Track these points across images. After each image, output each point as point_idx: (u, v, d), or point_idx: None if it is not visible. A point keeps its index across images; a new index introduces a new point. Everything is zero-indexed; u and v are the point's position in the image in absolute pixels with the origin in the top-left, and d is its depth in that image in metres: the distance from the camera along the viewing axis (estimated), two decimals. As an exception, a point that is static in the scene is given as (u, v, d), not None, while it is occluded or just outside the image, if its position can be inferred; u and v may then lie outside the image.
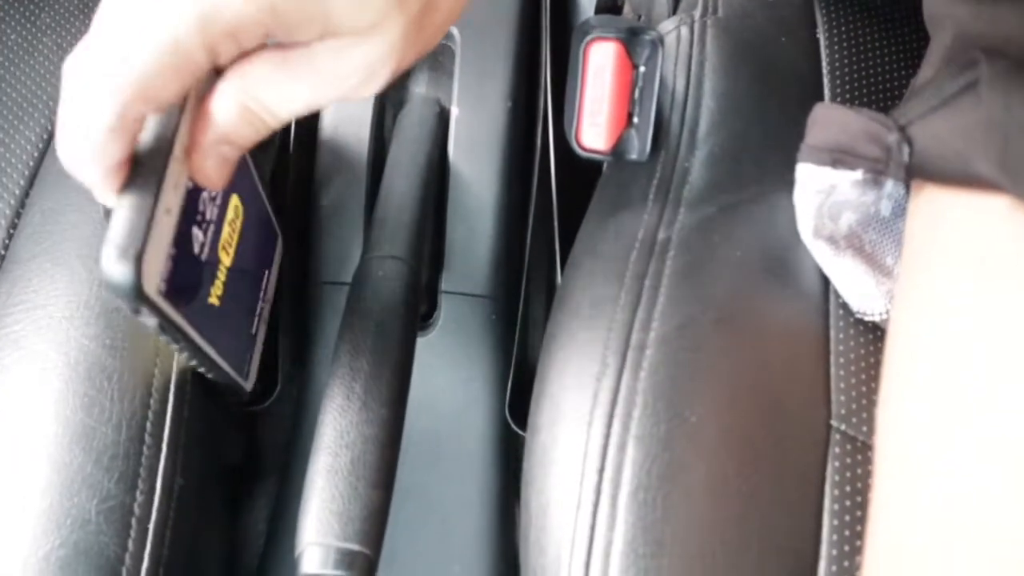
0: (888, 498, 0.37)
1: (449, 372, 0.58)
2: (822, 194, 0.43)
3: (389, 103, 0.58)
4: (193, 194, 0.38)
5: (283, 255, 0.54)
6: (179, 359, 0.46)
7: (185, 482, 0.45)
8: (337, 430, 0.41)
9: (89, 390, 0.43)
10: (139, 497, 0.43)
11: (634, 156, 0.47)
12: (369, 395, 0.42)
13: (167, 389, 0.45)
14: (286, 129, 0.58)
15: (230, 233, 0.44)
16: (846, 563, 0.40)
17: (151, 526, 0.43)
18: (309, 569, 0.39)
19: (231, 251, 0.45)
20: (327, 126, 0.56)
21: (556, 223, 0.57)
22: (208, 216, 0.41)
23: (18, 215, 0.49)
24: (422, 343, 0.57)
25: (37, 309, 0.45)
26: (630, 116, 0.47)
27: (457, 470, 0.57)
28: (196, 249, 0.39)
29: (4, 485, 0.42)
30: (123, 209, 0.32)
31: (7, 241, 0.49)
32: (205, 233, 0.40)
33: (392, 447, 0.42)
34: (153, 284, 0.34)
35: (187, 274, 0.38)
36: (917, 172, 0.40)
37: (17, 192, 0.50)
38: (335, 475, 0.40)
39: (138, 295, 0.32)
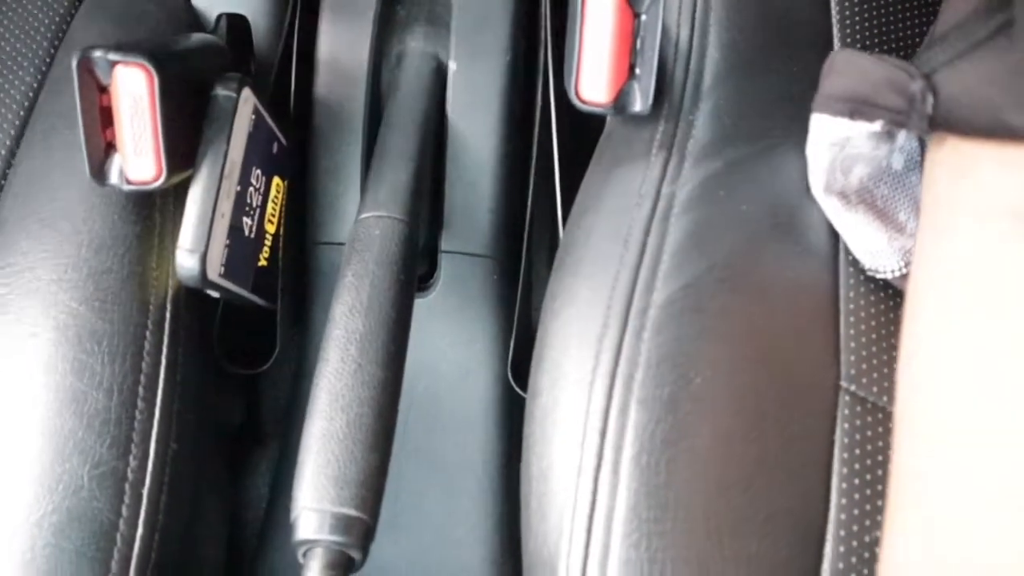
0: (916, 464, 0.35)
1: (450, 334, 0.57)
2: (836, 147, 0.41)
3: (385, 58, 0.56)
4: (241, 194, 0.48)
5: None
6: (169, 319, 0.45)
7: (179, 447, 0.44)
8: (332, 393, 0.40)
9: (79, 354, 0.42)
10: (132, 463, 0.42)
11: (636, 109, 0.45)
12: (364, 357, 0.41)
13: (159, 353, 0.44)
14: (284, 84, 0.56)
15: (273, 207, 0.53)
16: (855, 527, 0.39)
17: (145, 492, 0.42)
18: (304, 535, 0.38)
19: (275, 220, 0.54)
20: (321, 84, 0.55)
21: (558, 180, 0.56)
22: (254, 204, 0.50)
23: (4, 176, 0.48)
24: (422, 304, 0.56)
25: (25, 272, 0.44)
26: (632, 67, 0.45)
27: (459, 433, 0.56)
28: (246, 232, 0.50)
29: None
30: (189, 219, 0.44)
31: None
32: (252, 218, 0.50)
33: (389, 410, 0.41)
34: (215, 270, 0.46)
35: (240, 254, 0.49)
36: (941, 123, 0.38)
37: (3, 152, 0.49)
38: (330, 439, 0.40)
39: (205, 281, 0.45)
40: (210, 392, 0.50)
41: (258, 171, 0.49)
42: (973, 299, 0.35)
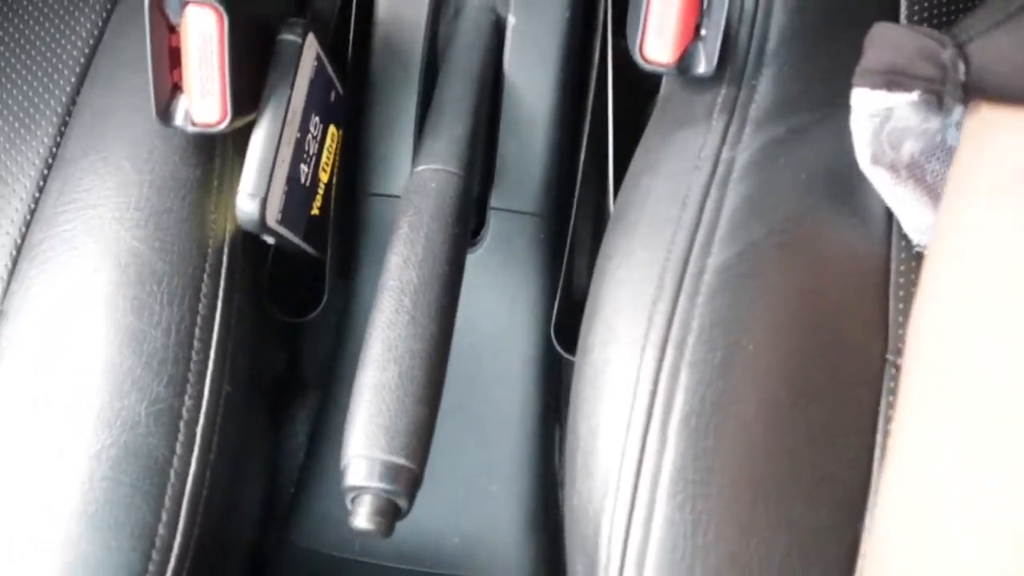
0: (913, 411, 0.36)
1: (495, 291, 0.57)
2: (877, 118, 0.41)
3: (444, 11, 0.56)
4: (300, 142, 0.48)
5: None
6: (226, 263, 0.46)
7: (232, 389, 0.45)
8: (385, 343, 0.41)
9: (139, 293, 0.43)
10: (187, 401, 0.43)
11: (700, 71, 0.45)
12: (418, 309, 0.41)
13: (215, 296, 0.45)
14: (343, 32, 0.56)
15: (328, 156, 0.54)
16: (898, 498, 0.39)
17: (199, 430, 0.43)
18: (354, 481, 0.39)
19: (329, 169, 0.55)
20: (379, 33, 0.54)
21: (611, 142, 0.55)
22: (311, 152, 0.51)
23: (69, 113, 0.49)
24: (469, 260, 0.56)
25: (88, 209, 0.45)
26: (697, 28, 0.45)
27: (499, 390, 0.57)
28: (303, 180, 0.50)
29: (56, 385, 0.42)
30: (251, 163, 0.45)
31: (58, 139, 0.48)
32: (309, 165, 0.51)
33: (440, 364, 0.42)
34: (273, 216, 0.47)
35: (296, 202, 0.49)
36: (974, 91, 0.38)
37: (68, 90, 0.49)
38: (382, 389, 0.40)
39: (263, 227, 0.46)
40: (261, 338, 0.51)
41: (316, 119, 0.49)
42: (986, 271, 0.35)
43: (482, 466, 0.57)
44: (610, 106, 0.55)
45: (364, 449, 0.39)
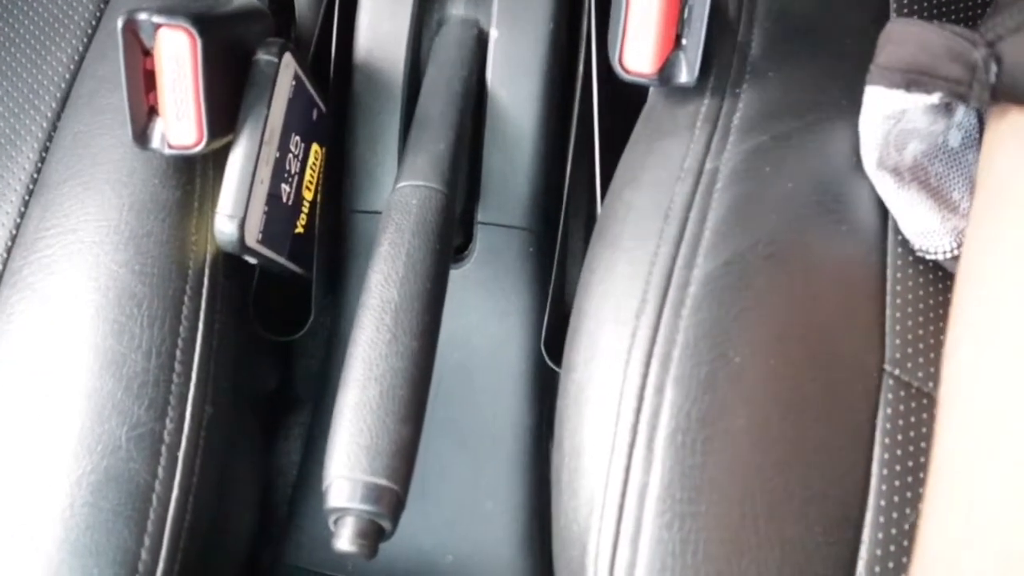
0: (957, 453, 0.34)
1: (484, 305, 0.56)
2: (891, 120, 0.40)
3: (426, 25, 0.56)
4: (280, 161, 0.48)
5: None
6: (207, 284, 0.45)
7: (215, 410, 0.44)
8: (366, 362, 0.40)
9: (119, 316, 0.43)
10: (168, 425, 0.42)
11: (682, 80, 0.44)
12: (399, 327, 0.41)
13: (197, 318, 0.44)
14: (324, 50, 0.56)
15: (311, 175, 0.53)
16: (895, 514, 0.38)
17: (180, 454, 0.42)
18: (336, 503, 0.38)
19: (313, 187, 0.54)
20: (361, 50, 0.54)
21: (597, 152, 0.55)
22: (292, 171, 0.50)
23: (50, 138, 0.48)
24: (457, 275, 0.55)
25: (68, 234, 0.45)
26: (678, 37, 0.44)
27: (490, 406, 0.56)
28: (284, 199, 0.50)
29: (36, 410, 0.42)
30: (229, 184, 0.44)
31: (39, 164, 0.48)
32: (290, 185, 0.50)
33: (423, 381, 0.41)
34: (253, 237, 0.46)
35: (278, 221, 0.49)
36: (1005, 94, 0.37)
37: (49, 115, 0.49)
38: (363, 408, 0.40)
39: (243, 247, 0.45)
40: (245, 358, 0.50)
41: (297, 137, 0.49)
42: None
43: (475, 483, 0.56)
44: (596, 117, 0.55)
45: (346, 470, 0.39)
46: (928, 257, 0.42)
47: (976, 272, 0.37)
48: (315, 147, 0.52)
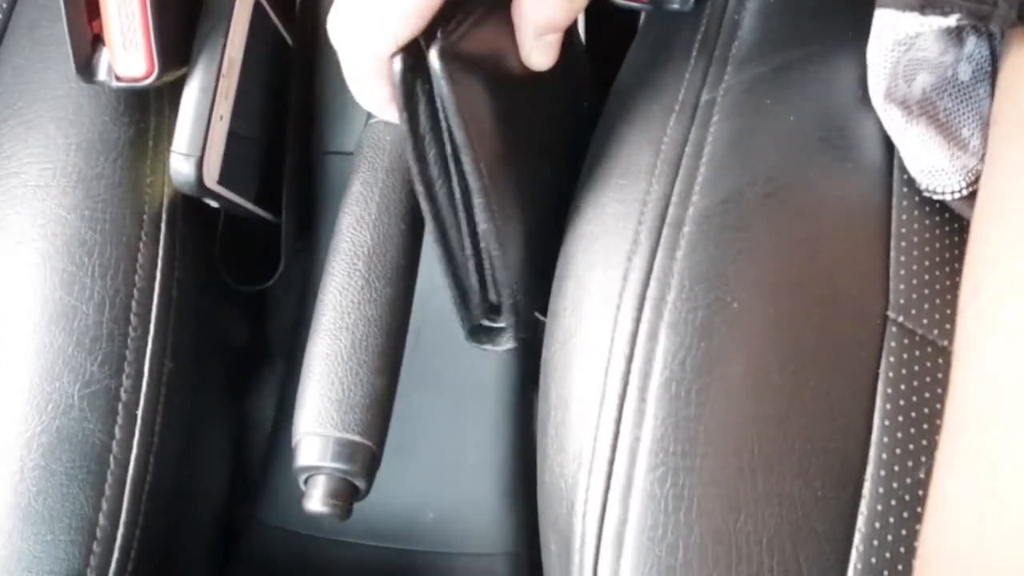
0: (980, 406, 0.32)
1: None
2: (901, 47, 0.37)
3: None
4: (241, 95, 0.44)
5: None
6: (165, 230, 0.42)
7: (175, 365, 0.41)
8: (337, 311, 0.38)
9: (68, 266, 0.40)
10: (125, 382, 0.40)
11: (676, 6, 0.41)
12: (372, 272, 0.38)
13: (154, 266, 0.41)
14: None
15: (277, 113, 0.50)
16: (896, 467, 0.36)
17: (139, 412, 0.40)
18: (306, 461, 0.37)
19: (280, 126, 0.51)
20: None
21: (583, 34, 0.51)
22: (256, 107, 0.47)
23: None
24: None
25: (10, 177, 0.41)
26: (673, -42, 0.41)
27: (472, 356, 0.54)
28: (247, 137, 0.46)
29: None
30: (184, 120, 0.41)
31: None
32: (254, 123, 0.47)
33: (398, 330, 0.39)
34: (213, 177, 0.43)
35: (240, 161, 0.46)
36: None
37: None
38: (334, 360, 0.37)
39: (202, 188, 0.42)
40: (212, 309, 0.48)
41: (261, 72, 0.45)
42: None
43: (457, 437, 0.54)
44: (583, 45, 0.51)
45: (316, 426, 0.37)
46: (936, 197, 0.40)
47: (994, 211, 0.34)
48: (281, 83, 0.49)
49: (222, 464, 0.55)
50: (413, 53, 0.31)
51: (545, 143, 0.41)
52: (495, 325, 0.43)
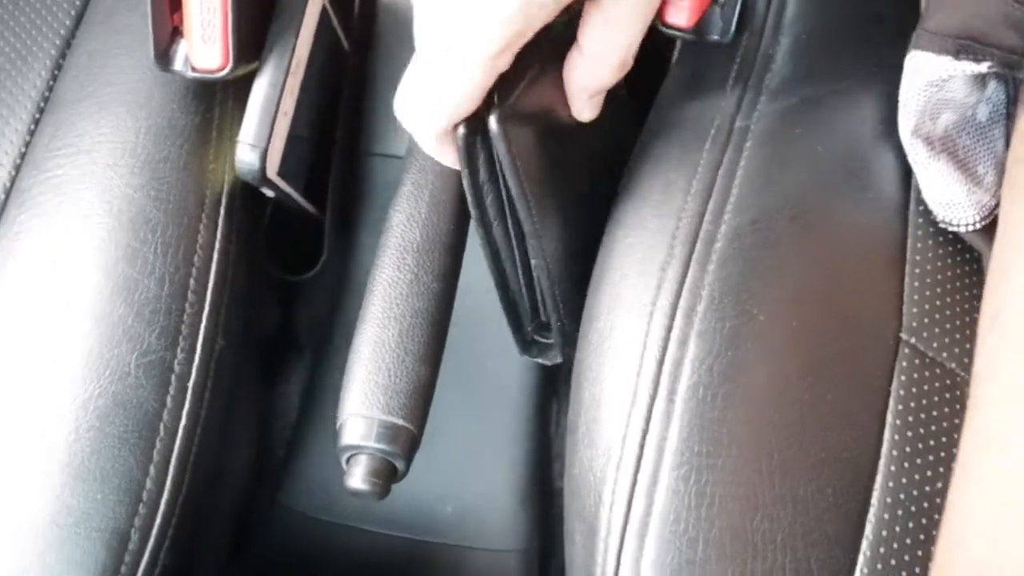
0: (1000, 430, 0.34)
1: None
2: (933, 87, 0.39)
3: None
4: (303, 93, 0.46)
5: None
6: (224, 214, 0.44)
7: (226, 344, 0.43)
8: (386, 301, 0.40)
9: (132, 241, 0.42)
10: (179, 354, 0.42)
11: (716, 36, 0.44)
12: (421, 267, 0.40)
13: (212, 247, 0.43)
14: None
15: (330, 112, 0.52)
16: (904, 480, 0.38)
17: (190, 384, 0.42)
18: (350, 440, 0.38)
19: (331, 126, 0.54)
20: (387, -11, 0.53)
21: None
22: (313, 105, 0.48)
23: (63, 56, 0.47)
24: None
25: (81, 154, 0.43)
26: (717, -8, 0.44)
27: (497, 358, 0.56)
28: (303, 134, 0.49)
29: (43, 332, 0.41)
30: (252, 112, 0.44)
31: (51, 83, 0.46)
32: (310, 120, 0.49)
33: (442, 323, 0.41)
34: (273, 168, 0.45)
35: (296, 156, 0.48)
36: None
37: (63, 32, 0.47)
38: (382, 347, 0.39)
39: (263, 178, 0.44)
40: (255, 294, 0.50)
41: (319, 71, 0.48)
42: None
43: (478, 435, 0.56)
44: None
45: (362, 408, 0.38)
46: (951, 229, 0.42)
47: (1016, 239, 0.36)
48: (336, 84, 0.51)
49: (248, 448, 0.56)
50: (474, 119, 0.34)
51: (593, 178, 0.44)
52: (545, 341, 0.46)
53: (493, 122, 0.34)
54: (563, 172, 0.40)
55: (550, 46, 0.36)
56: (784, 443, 0.38)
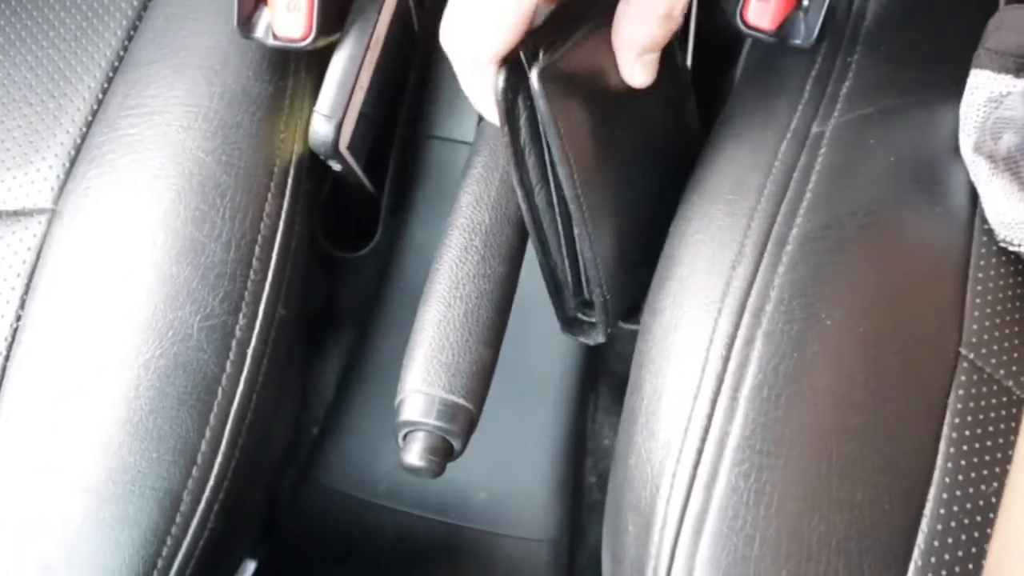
0: None
1: None
2: (992, 104, 0.40)
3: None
4: (378, 70, 0.47)
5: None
6: (291, 185, 0.44)
7: (286, 313, 0.44)
8: (452, 281, 0.40)
9: (201, 204, 0.42)
10: (241, 320, 0.42)
11: (798, 41, 0.44)
12: (488, 249, 0.40)
13: (278, 216, 0.43)
14: None
15: (397, 92, 0.53)
16: (957, 492, 0.39)
17: (250, 351, 0.42)
18: (410, 416, 0.38)
19: (397, 106, 0.54)
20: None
21: (689, 57, 0.54)
22: (383, 83, 0.48)
23: (140, 17, 0.47)
24: None
25: (154, 115, 0.43)
26: (799, -2, 0.44)
27: (542, 349, 0.56)
28: (372, 111, 0.49)
29: (108, 289, 0.41)
30: (331, 84, 0.44)
31: (126, 43, 0.46)
32: (380, 97, 0.49)
33: (506, 307, 0.41)
34: (345, 141, 0.45)
35: (363, 132, 0.48)
36: None
37: None
38: (447, 326, 0.39)
39: (335, 151, 0.45)
40: (311, 268, 0.50)
41: (392, 51, 0.48)
42: None
43: (517, 424, 0.56)
44: (689, 66, 0.54)
45: (423, 385, 0.38)
46: (1011, 249, 0.43)
47: None
48: (404, 64, 0.51)
49: (289, 421, 0.57)
50: (515, 71, 0.33)
51: (643, 151, 0.44)
52: (588, 319, 0.46)
53: (534, 77, 0.33)
54: (611, 141, 0.39)
55: (602, 7, 0.36)
56: (844, 448, 0.38)
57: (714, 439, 0.38)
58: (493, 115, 0.35)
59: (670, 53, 0.40)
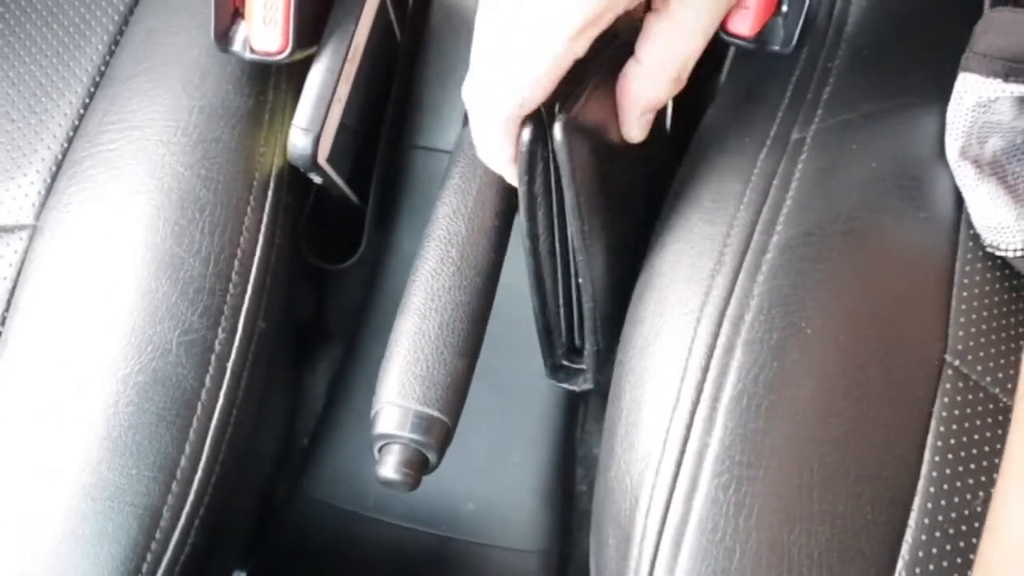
0: None
1: None
2: (980, 109, 0.39)
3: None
4: (357, 82, 0.47)
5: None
6: (271, 198, 0.44)
7: (266, 327, 0.43)
8: (428, 292, 0.40)
9: (180, 219, 0.42)
10: (220, 335, 0.42)
11: (777, 48, 0.43)
12: (464, 261, 0.40)
13: (257, 230, 0.43)
14: None
15: (378, 102, 0.52)
16: (943, 502, 0.38)
17: (230, 365, 0.42)
18: (384, 429, 0.38)
19: (379, 116, 0.54)
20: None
21: (668, 115, 0.54)
22: (364, 94, 0.49)
23: (121, 32, 0.47)
24: (517, 222, 0.55)
25: (134, 130, 0.43)
26: (779, 3, 0.43)
27: (529, 358, 0.56)
28: (352, 123, 0.49)
29: (87, 304, 0.41)
30: (308, 97, 0.44)
31: (107, 58, 0.47)
32: (360, 109, 0.49)
33: (482, 318, 0.41)
34: (324, 155, 0.46)
35: (344, 144, 0.48)
36: None
37: (121, 8, 0.48)
38: (421, 338, 0.39)
39: (314, 164, 0.45)
40: (294, 281, 0.50)
41: (373, 61, 0.48)
42: None
43: (504, 434, 0.56)
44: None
45: (397, 398, 0.38)
46: (998, 253, 0.42)
47: None
48: (386, 74, 0.51)
49: (277, 434, 0.57)
50: (539, 125, 0.34)
51: (633, 203, 0.44)
52: (575, 366, 0.46)
53: (558, 129, 0.33)
54: (611, 191, 0.40)
55: (606, 62, 0.36)
56: (826, 458, 0.37)
57: (693, 450, 0.37)
58: (505, 169, 0.36)
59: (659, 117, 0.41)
